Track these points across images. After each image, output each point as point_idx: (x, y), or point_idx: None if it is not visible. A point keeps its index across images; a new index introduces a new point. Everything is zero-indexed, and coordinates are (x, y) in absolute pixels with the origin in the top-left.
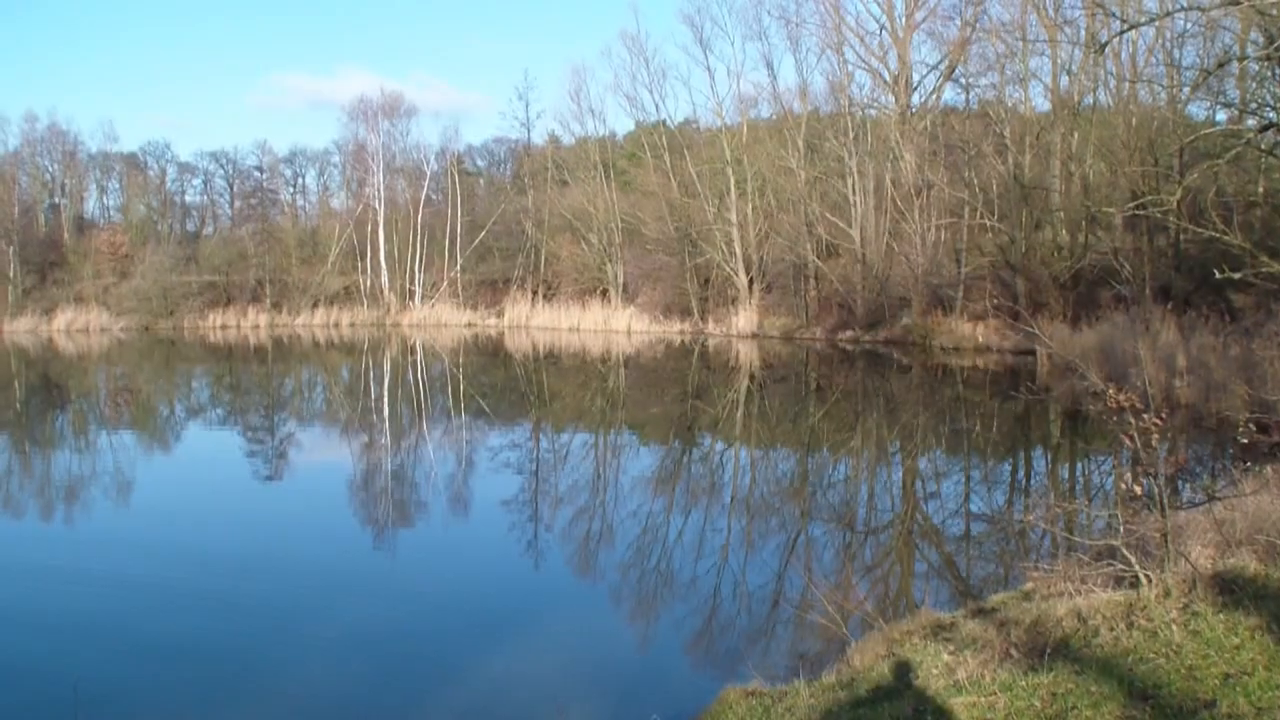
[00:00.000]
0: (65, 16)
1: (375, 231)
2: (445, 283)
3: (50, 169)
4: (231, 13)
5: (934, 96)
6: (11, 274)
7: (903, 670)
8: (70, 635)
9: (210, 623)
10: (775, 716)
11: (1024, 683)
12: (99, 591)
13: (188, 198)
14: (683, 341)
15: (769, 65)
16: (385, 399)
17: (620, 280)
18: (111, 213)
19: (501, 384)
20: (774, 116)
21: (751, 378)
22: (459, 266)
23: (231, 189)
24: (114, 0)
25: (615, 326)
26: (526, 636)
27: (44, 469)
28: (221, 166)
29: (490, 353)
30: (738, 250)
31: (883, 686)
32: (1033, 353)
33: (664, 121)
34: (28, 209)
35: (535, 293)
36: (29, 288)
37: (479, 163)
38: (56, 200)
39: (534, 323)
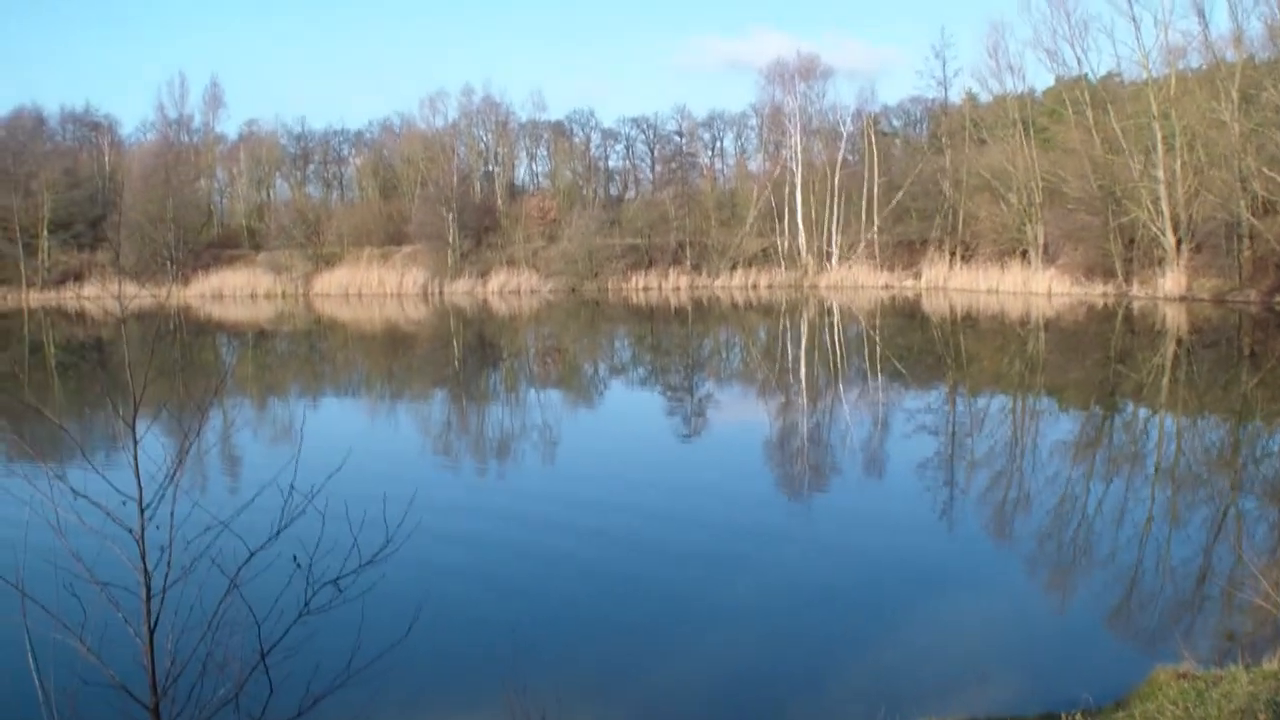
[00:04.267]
0: None
1: (792, 194)
2: (862, 244)
3: (485, 139)
4: None
5: None
6: (451, 239)
7: None
8: (507, 583)
9: (630, 573)
10: (1210, 702)
11: None
12: (531, 539)
13: (611, 163)
14: (1105, 304)
15: (1200, 12)
16: (802, 360)
17: (1040, 241)
18: (540, 179)
19: (918, 346)
20: (1204, 66)
21: (1178, 342)
22: (876, 228)
23: (652, 153)
24: None
25: (1035, 289)
26: (943, 601)
27: (478, 423)
28: (642, 132)
29: (907, 315)
30: (1165, 209)
31: None
32: None
33: (1085, 76)
34: (465, 177)
35: (953, 254)
36: (466, 251)
37: (894, 123)
38: (490, 168)
39: (951, 284)
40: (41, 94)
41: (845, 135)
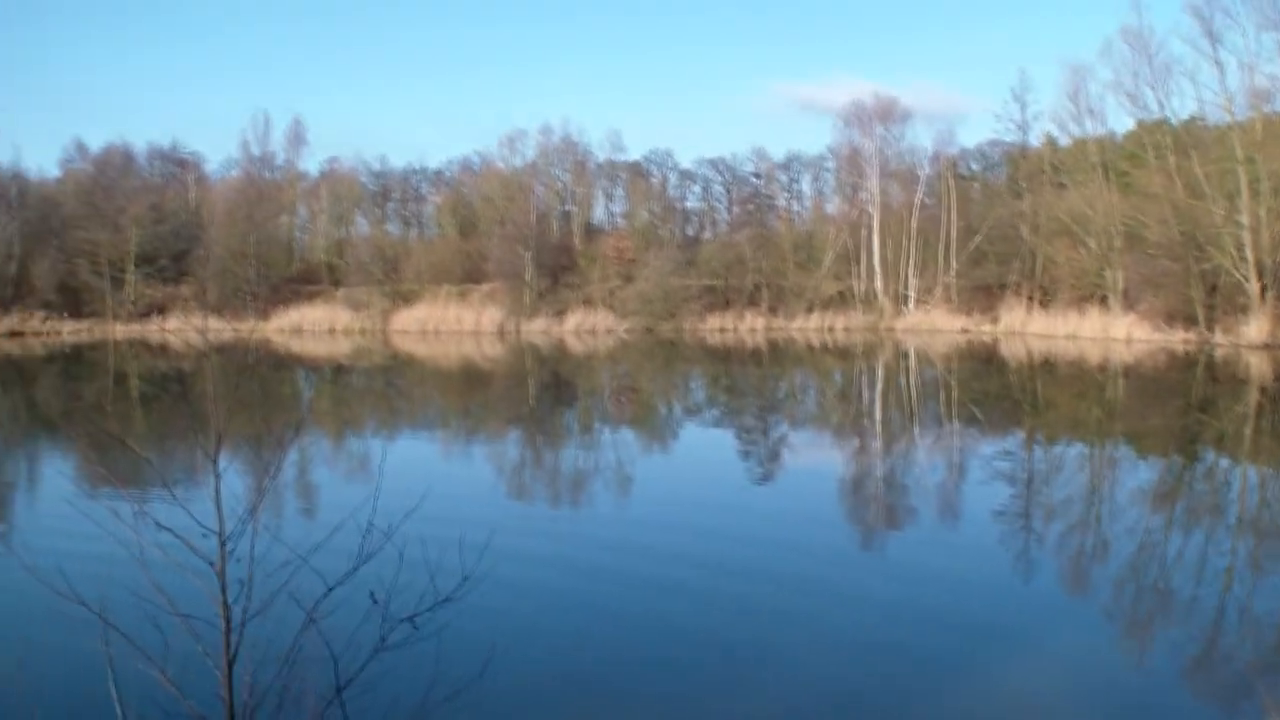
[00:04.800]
0: (579, 31)
1: (869, 236)
2: (939, 288)
3: (562, 178)
4: (726, 23)
5: None
6: (528, 277)
7: None
8: (579, 625)
9: (699, 621)
10: None
11: None
12: (602, 584)
13: (688, 204)
14: (1186, 352)
15: None
16: (877, 404)
17: (1120, 286)
18: (617, 219)
19: (995, 391)
20: None
21: (1263, 391)
22: (953, 271)
23: (729, 195)
24: (619, 16)
25: (1114, 334)
26: (1015, 651)
27: (552, 462)
28: (719, 173)
29: (984, 359)
30: (1249, 255)
31: None
32: None
33: (1167, 120)
34: (542, 216)
35: (1031, 299)
36: (543, 290)
37: (973, 166)
38: (568, 207)
39: (1029, 329)
40: (131, 131)
41: (923, 178)
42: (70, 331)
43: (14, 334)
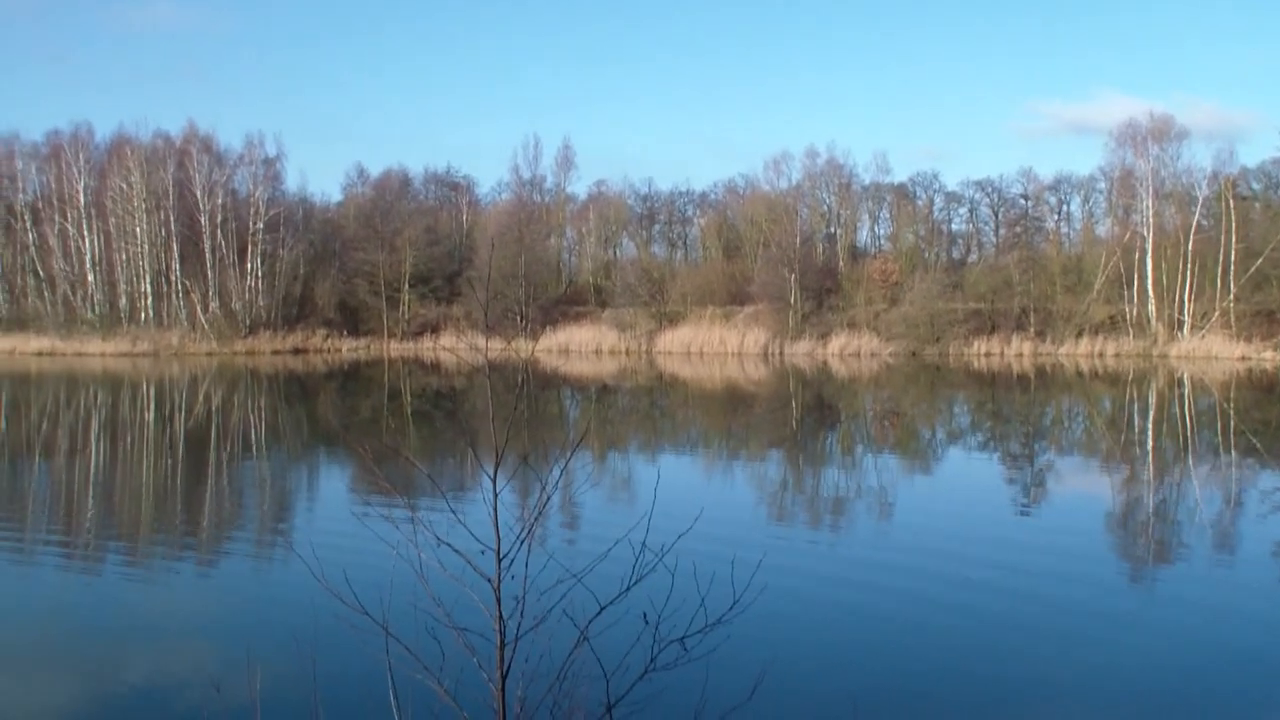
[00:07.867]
0: (844, 53)
1: (1142, 259)
2: (1216, 313)
3: (827, 200)
4: (992, 43)
5: None
6: (792, 300)
7: None
8: (847, 652)
9: (967, 649)
10: None
11: None
12: (870, 609)
13: (954, 226)
14: None
15: None
16: (1149, 432)
17: None
18: (881, 241)
19: (1276, 421)
20: None
21: None
22: (1232, 296)
23: (996, 217)
24: (886, 39)
25: None
26: None
27: (817, 485)
28: (987, 195)
29: (1264, 388)
30: None
31: None
32: None
33: None
34: (807, 239)
35: None
36: (807, 313)
37: (1254, 186)
38: (832, 230)
39: None
40: (408, 157)
41: (1200, 199)
42: (349, 349)
43: (298, 350)
